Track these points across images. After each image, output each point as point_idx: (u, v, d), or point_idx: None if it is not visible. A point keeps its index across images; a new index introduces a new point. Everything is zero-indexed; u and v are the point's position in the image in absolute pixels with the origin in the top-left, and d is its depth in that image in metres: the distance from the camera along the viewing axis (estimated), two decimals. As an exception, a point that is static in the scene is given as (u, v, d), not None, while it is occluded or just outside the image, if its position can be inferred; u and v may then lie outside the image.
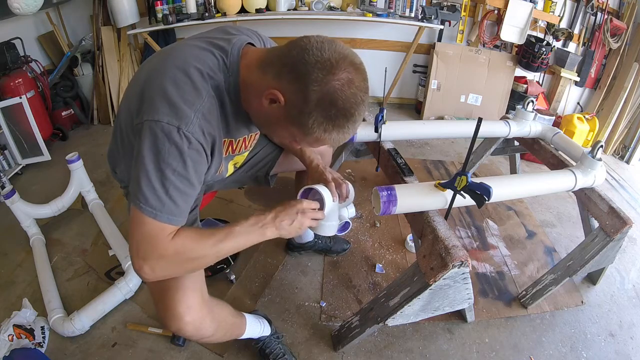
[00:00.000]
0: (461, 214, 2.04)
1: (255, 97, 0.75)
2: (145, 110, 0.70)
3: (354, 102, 0.68)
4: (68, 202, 1.79)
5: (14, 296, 1.47)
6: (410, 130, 1.59)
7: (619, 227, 1.31)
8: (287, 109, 0.70)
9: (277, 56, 0.72)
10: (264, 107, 0.73)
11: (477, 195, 0.96)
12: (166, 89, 0.70)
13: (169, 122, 0.68)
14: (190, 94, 0.70)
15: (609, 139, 3.04)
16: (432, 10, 2.76)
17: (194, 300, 0.87)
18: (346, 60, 0.68)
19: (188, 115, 0.69)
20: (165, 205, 0.70)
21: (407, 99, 3.45)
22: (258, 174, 1.29)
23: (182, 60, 0.73)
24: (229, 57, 0.76)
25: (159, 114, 0.68)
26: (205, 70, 0.73)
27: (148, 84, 0.73)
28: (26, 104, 2.11)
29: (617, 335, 1.48)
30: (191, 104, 0.70)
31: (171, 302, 0.85)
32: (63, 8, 2.69)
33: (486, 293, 1.59)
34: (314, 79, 0.66)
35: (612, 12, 2.95)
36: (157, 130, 0.68)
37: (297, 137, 0.76)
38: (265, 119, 0.77)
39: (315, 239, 1.65)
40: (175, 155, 0.69)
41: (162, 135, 0.68)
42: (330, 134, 0.71)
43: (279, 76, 0.70)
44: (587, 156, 1.32)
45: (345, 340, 1.30)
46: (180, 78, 0.71)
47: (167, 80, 0.70)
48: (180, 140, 0.68)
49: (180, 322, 0.86)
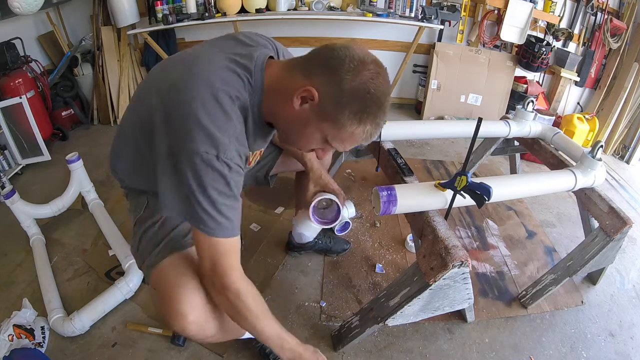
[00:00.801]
0: (461, 214, 2.04)
1: (284, 101, 0.76)
2: (180, 138, 0.72)
3: (383, 91, 0.73)
4: (68, 202, 1.79)
5: (14, 296, 1.47)
6: (410, 130, 1.59)
7: (619, 227, 1.31)
8: (320, 104, 0.73)
9: (303, 59, 0.76)
10: (295, 109, 0.75)
11: (477, 195, 0.96)
12: (199, 117, 0.71)
13: (207, 151, 0.71)
14: (223, 121, 0.73)
15: (609, 139, 3.04)
16: (432, 10, 2.76)
17: (198, 300, 0.88)
18: (370, 56, 0.73)
19: (224, 142, 0.72)
20: (222, 224, 0.76)
21: (407, 99, 3.45)
22: (258, 174, 1.30)
23: (210, 84, 0.73)
24: (253, 76, 0.78)
25: (197, 144, 0.70)
26: (234, 94, 0.75)
27: (175, 103, 0.73)
28: (26, 104, 2.11)
29: (617, 335, 1.48)
30: (225, 130, 0.73)
31: (175, 301, 0.86)
32: (63, 8, 2.69)
33: (486, 293, 1.59)
34: (346, 69, 0.70)
35: (612, 12, 2.95)
36: (197, 160, 0.71)
37: (329, 134, 0.77)
38: (295, 123, 0.78)
39: (315, 239, 1.65)
40: (219, 180, 0.73)
41: (203, 165, 0.71)
42: (364, 126, 0.74)
43: (309, 74, 0.73)
44: (587, 156, 1.32)
45: (345, 340, 1.30)
46: (212, 105, 0.72)
47: (198, 107, 0.71)
48: (221, 167, 0.73)
49: (183, 322, 0.86)
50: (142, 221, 0.98)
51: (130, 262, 1.49)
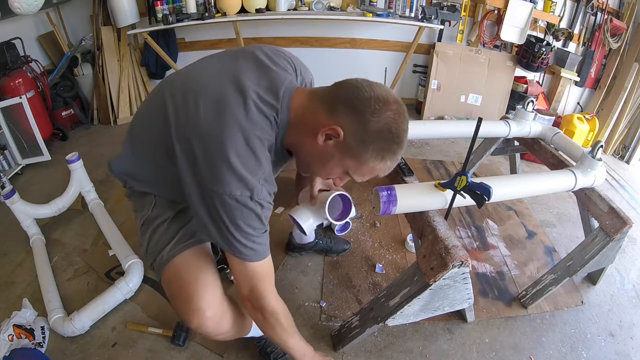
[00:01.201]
0: (461, 214, 2.04)
1: (308, 136, 0.80)
2: (212, 181, 0.74)
3: (404, 129, 0.78)
4: (68, 202, 1.79)
5: (14, 296, 1.47)
6: (410, 130, 1.58)
7: (619, 227, 1.31)
8: (345, 142, 0.77)
9: (328, 94, 0.79)
10: (318, 145, 0.78)
11: (477, 195, 0.96)
12: (232, 162, 0.73)
13: (242, 194, 0.74)
14: (255, 165, 0.76)
15: (609, 139, 3.04)
16: (432, 10, 2.76)
17: (215, 296, 0.90)
18: (391, 95, 0.78)
19: (256, 185, 0.76)
20: (255, 250, 0.81)
21: (407, 99, 3.45)
22: None
23: (242, 128, 0.75)
24: (279, 114, 0.80)
25: (230, 187, 0.73)
26: (264, 137, 0.78)
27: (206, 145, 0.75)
28: (26, 104, 2.11)
29: (617, 335, 1.48)
30: (255, 173, 0.76)
31: (192, 297, 0.88)
32: (63, 8, 2.69)
33: (486, 293, 1.59)
34: (372, 111, 0.74)
35: (612, 12, 2.95)
36: (231, 202, 0.74)
37: (350, 169, 0.83)
38: (318, 156, 0.82)
39: (316, 240, 1.65)
40: (253, 218, 0.78)
41: (237, 205, 0.75)
42: (385, 162, 0.80)
43: (334, 113, 0.76)
44: (587, 156, 1.32)
45: (345, 340, 1.30)
46: (244, 150, 0.75)
47: (231, 151, 0.73)
48: (255, 206, 0.77)
49: (201, 318, 0.88)
50: (150, 221, 0.97)
51: (130, 262, 1.49)
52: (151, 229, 0.97)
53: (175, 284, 0.91)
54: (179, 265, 0.91)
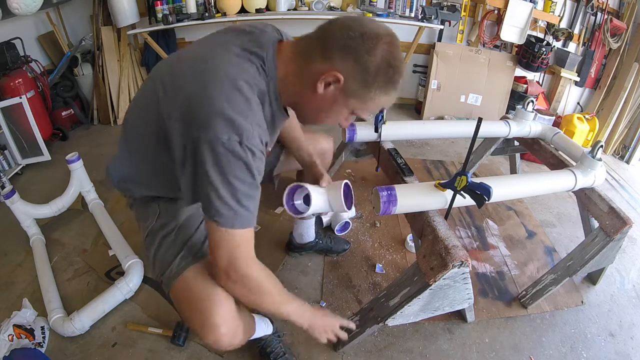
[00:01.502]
0: (461, 214, 2.04)
1: (306, 87, 0.77)
2: (201, 129, 0.69)
3: (400, 58, 0.75)
4: (68, 202, 1.79)
5: (14, 296, 1.47)
6: (410, 130, 1.59)
7: (619, 227, 1.31)
8: (346, 85, 0.74)
9: (316, 41, 0.75)
10: (319, 93, 0.76)
11: (477, 195, 0.96)
12: (221, 107, 0.69)
13: (230, 137, 0.69)
14: (244, 107, 0.72)
15: (609, 139, 3.04)
16: (432, 10, 2.76)
17: (229, 310, 0.87)
18: (381, 27, 0.75)
19: (247, 128, 0.70)
20: (239, 214, 0.74)
21: (407, 99, 3.45)
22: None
23: (228, 75, 0.73)
24: (266, 62, 0.78)
25: (216, 130, 0.68)
26: (252, 81, 0.75)
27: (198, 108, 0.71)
28: (26, 104, 2.10)
29: (617, 335, 1.48)
30: (246, 116, 0.71)
31: (207, 314, 0.84)
32: (63, 8, 2.69)
33: (486, 293, 1.59)
34: (367, 49, 0.71)
35: (612, 12, 2.95)
36: (218, 147, 0.69)
37: (356, 108, 0.80)
38: (322, 106, 0.79)
39: (316, 240, 1.65)
40: (241, 167, 0.71)
41: (225, 151, 0.69)
42: (388, 95, 0.78)
43: (329, 59, 0.73)
44: (587, 156, 1.32)
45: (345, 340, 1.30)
46: (233, 94, 0.71)
47: (222, 100, 0.70)
48: (244, 153, 0.71)
49: (217, 334, 0.85)
50: (155, 232, 0.95)
51: (130, 262, 1.49)
52: (157, 241, 0.94)
53: (187, 299, 0.87)
54: (189, 280, 0.88)
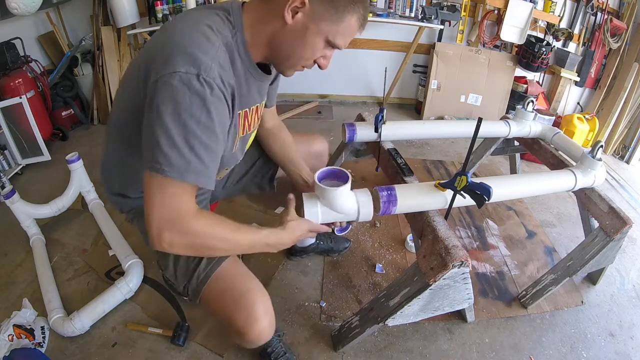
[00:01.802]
0: (461, 214, 2.04)
1: (275, 23, 0.75)
2: (159, 69, 0.65)
3: None
4: (68, 202, 1.79)
5: (14, 296, 1.47)
6: (410, 130, 1.59)
7: (619, 227, 1.31)
8: (313, 7, 0.73)
9: None
10: (289, 25, 0.74)
11: (477, 195, 0.96)
12: (179, 43, 0.66)
13: (187, 70, 0.64)
14: (205, 44, 0.68)
15: (609, 139, 3.04)
16: (432, 10, 2.76)
17: (267, 300, 0.87)
18: None
19: (206, 62, 0.66)
20: (191, 164, 0.66)
21: (407, 99, 3.45)
22: (262, 180, 1.28)
23: (188, 23, 0.71)
24: (232, 13, 0.76)
25: (175, 65, 0.64)
26: (215, 26, 0.72)
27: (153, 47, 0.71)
28: (26, 104, 2.10)
29: (617, 335, 1.48)
30: (206, 52, 0.67)
31: (247, 308, 0.84)
32: (63, 8, 2.69)
33: (486, 293, 1.59)
34: None
35: (612, 12, 2.95)
36: (174, 81, 0.63)
37: (329, 33, 0.77)
38: (294, 38, 0.76)
39: (316, 241, 1.65)
40: (197, 104, 0.65)
41: (180, 85, 0.63)
42: (358, 11, 0.76)
43: None
44: (587, 156, 1.32)
45: (345, 340, 1.30)
46: (192, 33, 0.68)
47: (178, 37, 0.68)
48: (201, 87, 0.64)
49: (261, 327, 0.85)
50: None
51: (130, 262, 1.49)
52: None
53: (223, 299, 0.86)
54: (221, 279, 0.86)
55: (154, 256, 0.99)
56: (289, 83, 3.28)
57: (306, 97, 3.37)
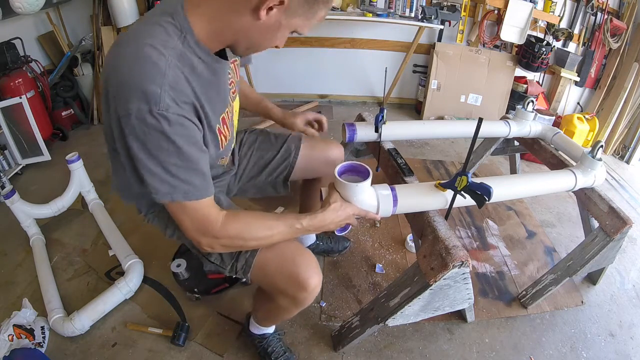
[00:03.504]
0: (461, 214, 2.04)
1: (243, 17, 0.70)
2: (116, 108, 0.67)
3: None
4: (68, 202, 1.79)
5: (14, 296, 1.47)
6: (410, 130, 1.59)
7: (619, 227, 1.31)
8: (291, 5, 0.70)
9: None
10: (262, 20, 0.70)
11: (478, 195, 0.95)
12: (126, 81, 0.65)
13: (139, 108, 0.64)
14: (151, 71, 0.66)
15: (609, 139, 3.04)
16: (432, 10, 2.76)
17: (315, 261, 0.93)
18: None
19: (154, 93, 0.65)
20: (177, 187, 0.72)
21: (407, 99, 3.45)
22: (277, 180, 1.28)
23: (131, 44, 0.68)
24: (175, 15, 0.71)
25: (128, 105, 0.65)
26: (159, 43, 0.68)
27: (107, 82, 0.69)
28: (26, 104, 2.10)
29: (617, 335, 1.48)
30: (153, 80, 0.65)
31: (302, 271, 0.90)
32: (63, 8, 2.69)
33: (486, 293, 1.59)
34: None
35: (612, 12, 2.95)
36: (131, 121, 0.65)
37: (299, 27, 0.76)
38: (264, 33, 0.74)
39: (317, 242, 1.65)
40: (159, 137, 0.67)
41: (138, 123, 0.65)
42: (328, 6, 0.76)
43: None
44: (587, 156, 1.32)
45: (345, 340, 1.30)
46: (136, 62, 0.66)
47: (125, 73, 0.66)
48: (157, 122, 0.65)
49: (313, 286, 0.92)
50: None
51: (130, 262, 1.50)
52: None
53: (274, 268, 0.92)
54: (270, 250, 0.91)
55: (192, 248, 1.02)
56: (289, 83, 3.31)
57: (306, 97, 3.37)
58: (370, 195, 0.95)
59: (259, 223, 0.84)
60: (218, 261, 0.97)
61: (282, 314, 1.07)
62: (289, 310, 1.02)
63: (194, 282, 1.46)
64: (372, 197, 0.96)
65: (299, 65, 3.22)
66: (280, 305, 0.99)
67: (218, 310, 1.44)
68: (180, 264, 1.46)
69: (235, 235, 0.81)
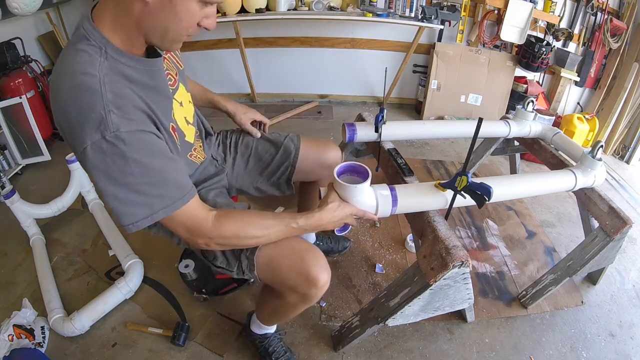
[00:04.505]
0: (461, 214, 2.04)
1: (132, 8, 0.68)
2: (73, 145, 0.69)
3: None
4: (68, 202, 1.79)
5: (14, 296, 1.47)
6: (410, 130, 1.59)
7: (619, 227, 1.31)
8: None
9: None
10: (150, 4, 0.67)
11: (478, 195, 0.95)
12: (70, 114, 0.66)
13: (92, 139, 0.65)
14: (90, 98, 0.66)
15: (609, 139, 3.04)
16: (432, 10, 2.76)
17: (323, 256, 0.93)
18: None
19: (99, 117, 0.65)
20: (155, 205, 0.72)
21: (407, 99, 3.45)
22: (280, 180, 1.26)
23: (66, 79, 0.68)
24: (89, 34, 0.70)
25: (82, 141, 0.65)
26: (87, 68, 0.68)
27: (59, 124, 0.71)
28: (26, 104, 2.11)
29: (617, 335, 1.48)
30: (94, 105, 0.65)
31: (311, 267, 0.89)
32: (63, 8, 2.69)
33: (486, 293, 1.59)
34: None
35: (612, 12, 2.95)
36: (89, 154, 0.66)
37: None
38: (162, 15, 0.70)
39: (317, 242, 1.65)
40: (120, 161, 0.67)
41: (96, 155, 0.66)
42: None
43: None
44: (587, 156, 1.32)
45: (345, 340, 1.30)
46: (72, 95, 0.67)
47: (66, 107, 0.67)
48: (113, 146, 0.65)
49: (322, 282, 0.90)
50: None
51: (130, 262, 1.50)
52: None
53: (280, 264, 0.91)
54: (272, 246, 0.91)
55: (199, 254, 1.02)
56: (289, 83, 3.31)
57: (306, 97, 3.37)
58: (369, 196, 0.95)
59: (255, 222, 0.85)
60: (224, 264, 0.97)
61: (289, 312, 1.06)
62: (297, 307, 1.01)
63: (202, 283, 1.46)
64: (371, 198, 0.95)
65: (299, 65, 3.22)
66: (288, 302, 0.98)
67: (218, 310, 1.44)
68: (188, 264, 1.46)
69: (230, 234, 0.82)
